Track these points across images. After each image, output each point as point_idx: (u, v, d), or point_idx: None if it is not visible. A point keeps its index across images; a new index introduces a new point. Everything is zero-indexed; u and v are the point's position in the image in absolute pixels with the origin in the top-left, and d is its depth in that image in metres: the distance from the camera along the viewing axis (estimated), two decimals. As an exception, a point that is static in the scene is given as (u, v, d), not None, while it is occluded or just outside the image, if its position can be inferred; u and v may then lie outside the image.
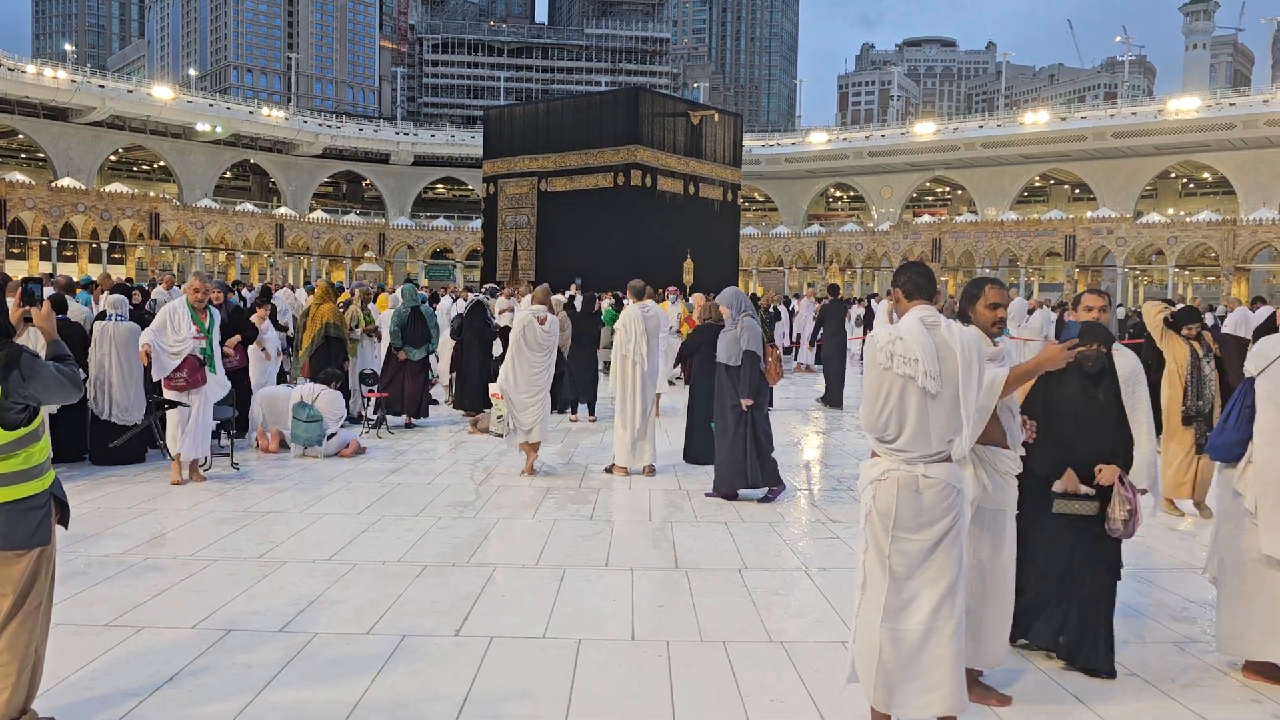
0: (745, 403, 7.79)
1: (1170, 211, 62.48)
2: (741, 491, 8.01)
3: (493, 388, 9.22)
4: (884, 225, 65.86)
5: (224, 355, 8.68)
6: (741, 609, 5.22)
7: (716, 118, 40.44)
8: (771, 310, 16.84)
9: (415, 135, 77.92)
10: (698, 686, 4.19)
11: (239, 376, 9.67)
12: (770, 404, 14.17)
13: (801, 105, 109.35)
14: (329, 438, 9.58)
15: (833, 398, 15.03)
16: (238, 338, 9.49)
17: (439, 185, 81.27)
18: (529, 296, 10.14)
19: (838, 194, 79.95)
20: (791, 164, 73.68)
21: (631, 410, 8.93)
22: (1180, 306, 7.95)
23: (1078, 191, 69.32)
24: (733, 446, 7.84)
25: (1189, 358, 7.55)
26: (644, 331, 9.08)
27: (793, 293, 44.88)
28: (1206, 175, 64.53)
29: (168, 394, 8.01)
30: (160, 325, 7.99)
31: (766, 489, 7.97)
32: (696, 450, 9.64)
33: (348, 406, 10.68)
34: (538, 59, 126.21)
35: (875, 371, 3.54)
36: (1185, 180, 67.74)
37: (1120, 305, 30.50)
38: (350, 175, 77.68)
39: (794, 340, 23.54)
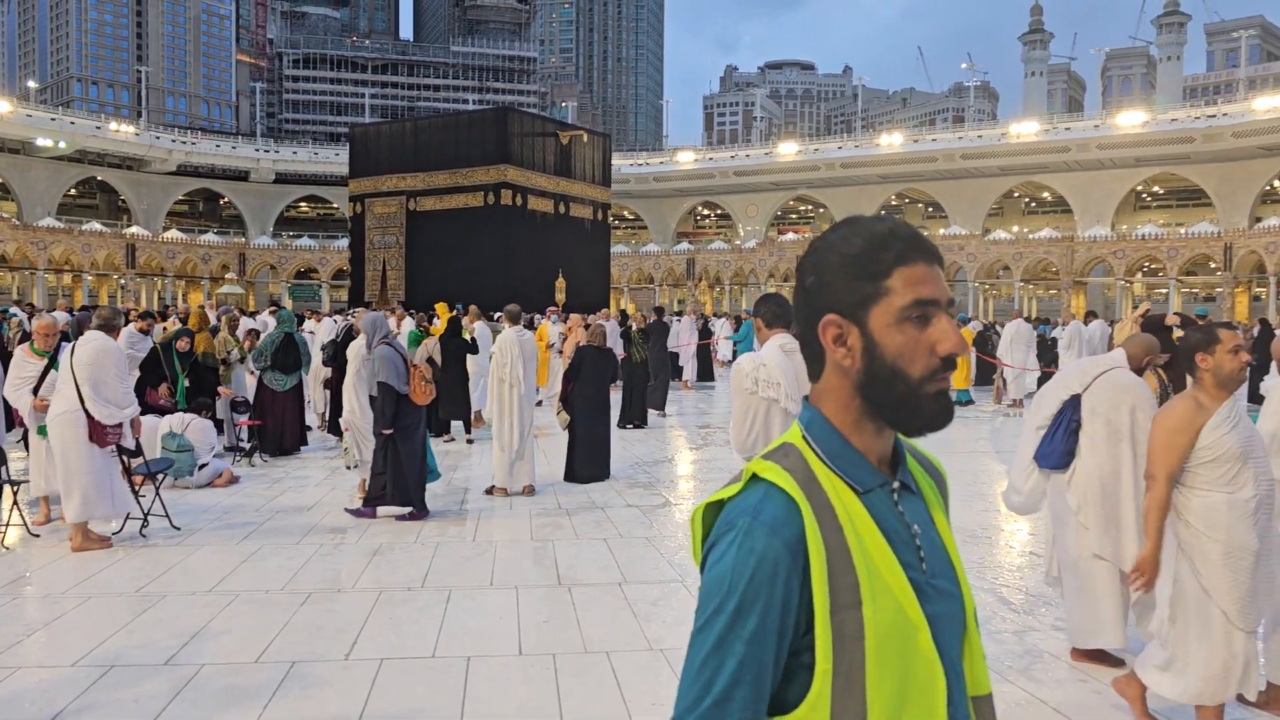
0: (385, 432, 7.87)
1: (1015, 229, 66.34)
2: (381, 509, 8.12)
3: (342, 421, 9.54)
4: (750, 243, 67.68)
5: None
6: (623, 620, 5.48)
7: (585, 137, 40.96)
8: (644, 328, 17.24)
9: (276, 152, 75.73)
10: (584, 695, 4.42)
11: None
12: (643, 422, 14.61)
13: (668, 125, 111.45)
14: (200, 468, 9.40)
15: (655, 401, 15.98)
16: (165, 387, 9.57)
17: (302, 203, 79.16)
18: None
19: (705, 212, 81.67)
20: (660, 183, 74.92)
21: (509, 432, 9.10)
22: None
23: (931, 210, 72.79)
24: (389, 471, 7.93)
25: (1159, 389, 6.87)
26: (520, 355, 9.27)
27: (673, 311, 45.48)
28: (1046, 195, 68.77)
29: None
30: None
31: (408, 509, 8.04)
32: (578, 470, 9.91)
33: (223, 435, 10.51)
34: (403, 76, 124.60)
35: (742, 396, 3.86)
36: (1028, 199, 72.00)
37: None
38: (207, 193, 74.84)
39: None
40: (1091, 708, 4.32)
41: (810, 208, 75.85)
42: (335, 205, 73.22)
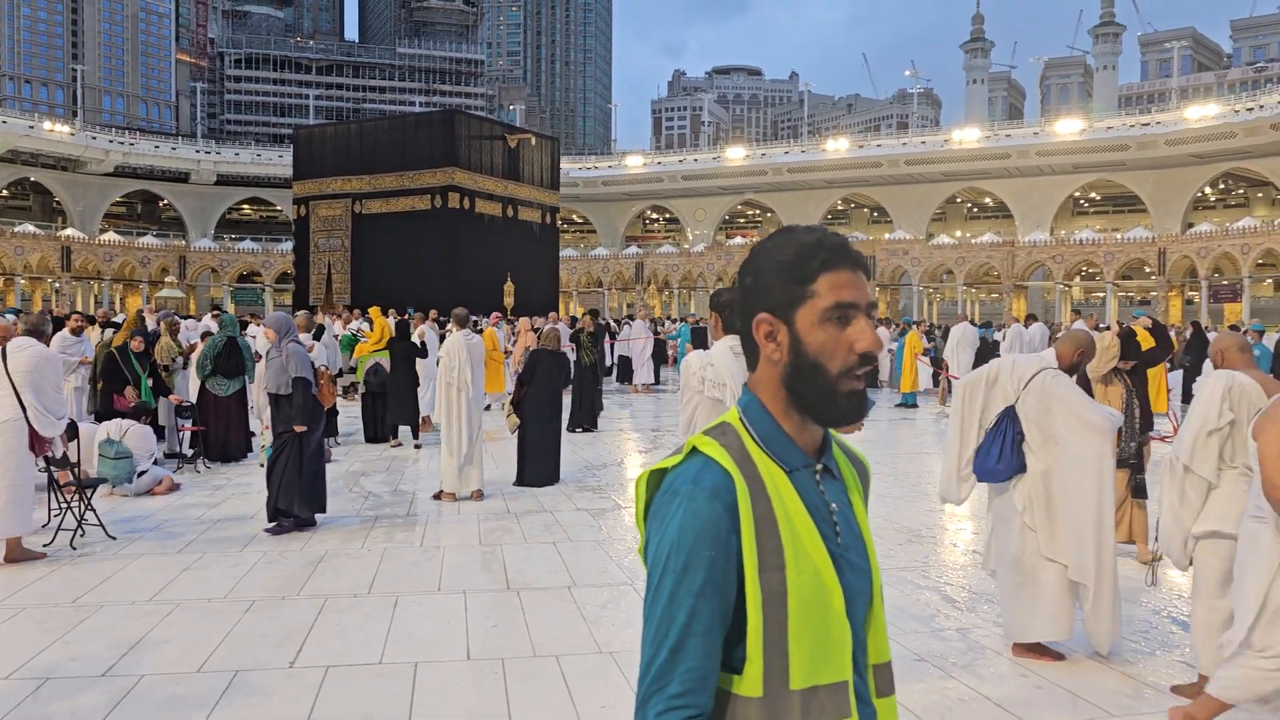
0: (299, 428, 7.67)
1: (958, 234, 67.51)
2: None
3: (264, 418, 9.49)
4: (699, 247, 68.00)
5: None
6: (572, 624, 5.47)
7: (534, 140, 40.82)
8: (595, 330, 17.21)
9: (218, 153, 74.37)
10: (533, 699, 4.41)
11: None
12: (593, 426, 14.59)
13: (617, 129, 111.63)
14: (139, 475, 9.19)
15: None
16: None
17: (245, 206, 77.82)
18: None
19: (654, 216, 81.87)
20: (609, 186, 74.95)
21: (458, 436, 9.04)
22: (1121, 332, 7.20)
23: (876, 214, 73.75)
24: (285, 472, 7.63)
25: (1123, 395, 6.86)
26: (468, 359, 9.22)
27: (626, 315, 45.57)
28: (988, 200, 70.04)
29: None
30: None
31: (294, 518, 7.74)
32: (527, 474, 9.89)
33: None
34: (348, 77, 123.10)
35: (688, 394, 3.88)
36: (970, 205, 73.27)
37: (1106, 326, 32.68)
38: (146, 195, 73.22)
39: (613, 361, 24.00)
40: (1033, 702, 4.41)
41: (758, 212, 76.42)
42: (279, 208, 72.12)
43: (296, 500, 7.64)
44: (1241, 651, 3.78)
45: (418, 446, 12.66)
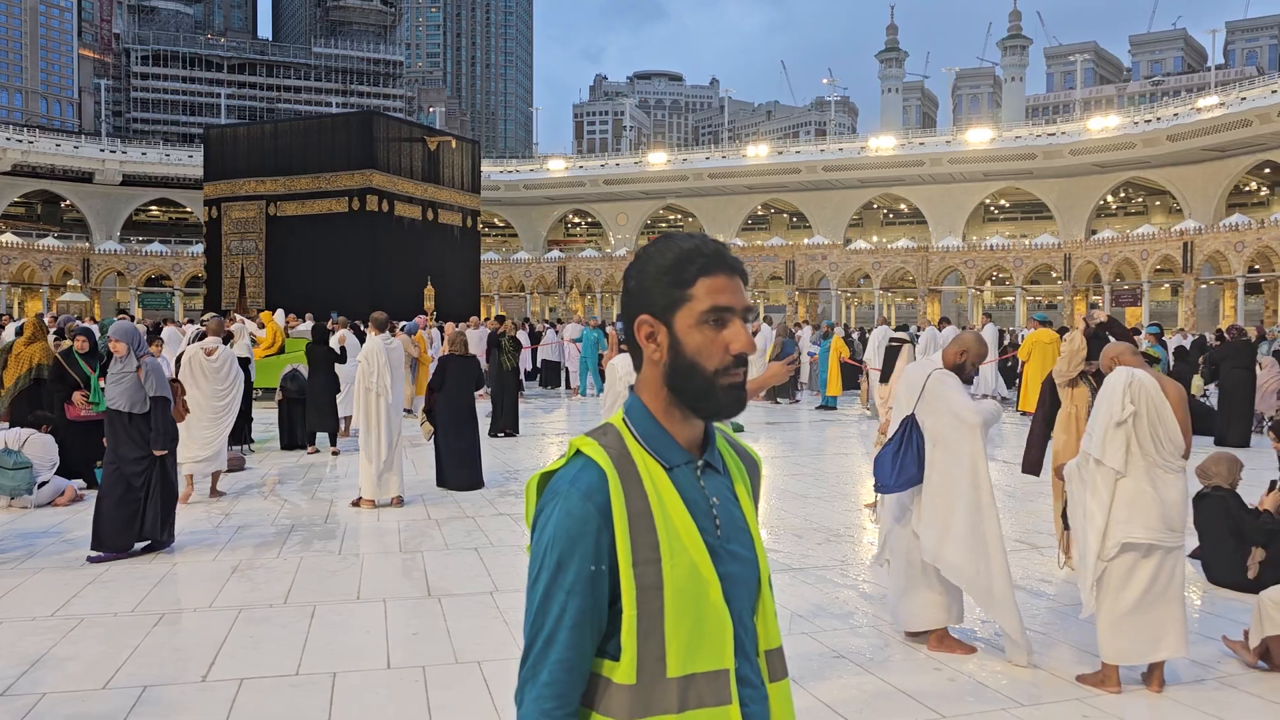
0: (159, 452, 7.00)
1: (874, 239, 68.90)
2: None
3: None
4: (621, 251, 68.16)
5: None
6: (494, 630, 5.43)
7: (454, 143, 40.40)
8: (515, 335, 17.07)
9: (124, 153, 71.89)
10: (455, 706, 4.37)
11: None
12: (515, 430, 14.50)
13: (538, 133, 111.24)
14: (40, 485, 8.84)
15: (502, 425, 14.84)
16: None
17: (153, 207, 75.41)
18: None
19: (576, 220, 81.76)
20: (531, 190, 74.62)
21: (376, 442, 8.90)
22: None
23: (795, 220, 74.83)
24: (122, 502, 6.84)
25: (1089, 399, 6.45)
26: (387, 363, 9.09)
27: (547, 318, 45.31)
28: (903, 206, 71.67)
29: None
30: None
31: (149, 540, 7.06)
32: (449, 477, 9.82)
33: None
34: (262, 76, 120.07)
35: (612, 396, 3.89)
36: (886, 211, 74.86)
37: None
38: (46, 195, 70.39)
39: (536, 366, 23.90)
40: (947, 694, 4.53)
41: (680, 217, 76.88)
42: (189, 209, 70.05)
43: (165, 526, 7.09)
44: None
45: (335, 453, 12.43)
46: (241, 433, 12.18)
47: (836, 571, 6.80)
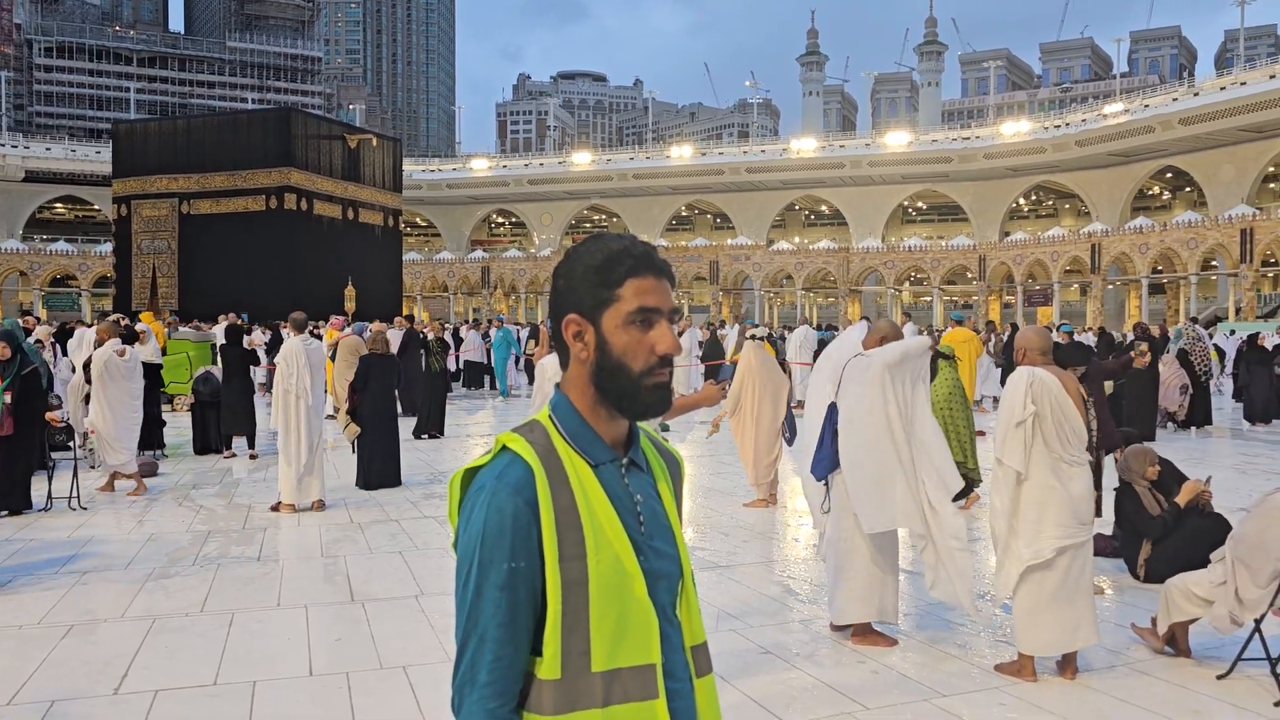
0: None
1: (796, 240, 69.91)
2: None
3: (86, 423, 9.31)
4: (545, 251, 67.90)
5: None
6: (420, 634, 5.35)
7: (375, 141, 39.82)
8: (441, 336, 16.82)
9: (27, 148, 69.20)
10: (379, 712, 4.29)
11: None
12: (440, 432, 14.33)
13: (461, 131, 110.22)
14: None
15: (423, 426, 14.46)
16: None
17: (58, 204, 72.69)
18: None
19: (500, 220, 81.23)
20: (454, 190, 73.91)
21: (296, 445, 8.70)
22: (1065, 341, 6.82)
23: (719, 221, 75.51)
24: None
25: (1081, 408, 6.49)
26: (306, 364, 8.90)
27: (466, 319, 44.93)
28: (824, 208, 72.85)
29: None
30: None
31: None
32: (372, 475, 9.70)
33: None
34: (173, 70, 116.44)
35: (540, 397, 3.86)
36: (807, 212, 76.00)
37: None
38: (-57, 191, 67.39)
39: (459, 368, 23.60)
40: (871, 687, 4.61)
41: (604, 217, 76.95)
42: (97, 207, 67.72)
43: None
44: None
45: (253, 457, 12.12)
46: (153, 438, 11.81)
47: (763, 568, 6.87)
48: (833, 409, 5.20)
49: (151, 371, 12.03)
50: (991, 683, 4.66)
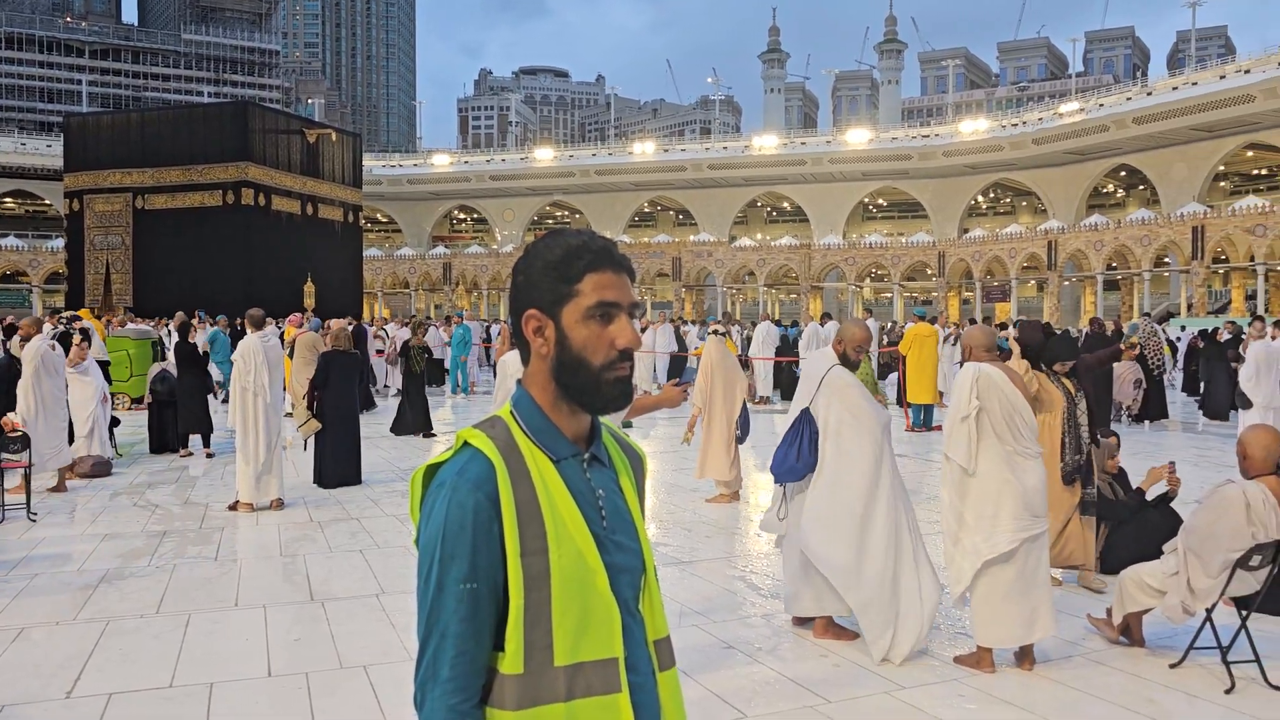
0: None
1: (759, 236, 70.16)
2: None
3: (11, 417, 8.99)
4: (508, 247, 67.61)
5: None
6: (381, 633, 5.30)
7: (334, 136, 39.37)
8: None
9: (-26, 141, 67.59)
10: (339, 712, 4.25)
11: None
12: (432, 430, 14.19)
13: (422, 127, 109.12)
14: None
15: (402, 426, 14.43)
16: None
17: (8, 199, 71.13)
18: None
19: (462, 216, 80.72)
20: (415, 185, 73.32)
21: (254, 443, 8.58)
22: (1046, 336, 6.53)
23: (681, 217, 75.60)
24: None
25: (1064, 403, 6.11)
26: (265, 361, 8.78)
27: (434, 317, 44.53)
28: (786, 205, 73.19)
29: None
30: None
31: None
32: (331, 472, 9.61)
33: None
34: (127, 63, 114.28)
35: (501, 394, 3.84)
36: (769, 209, 76.34)
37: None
38: (-113, 185, 65.67)
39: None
40: (833, 680, 4.64)
41: (567, 213, 76.75)
42: (48, 202, 66.32)
43: None
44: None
45: (209, 455, 11.94)
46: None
47: (725, 564, 6.89)
48: (806, 415, 5.16)
49: (101, 369, 11.83)
50: (951, 674, 4.71)
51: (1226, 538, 4.57)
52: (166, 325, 17.30)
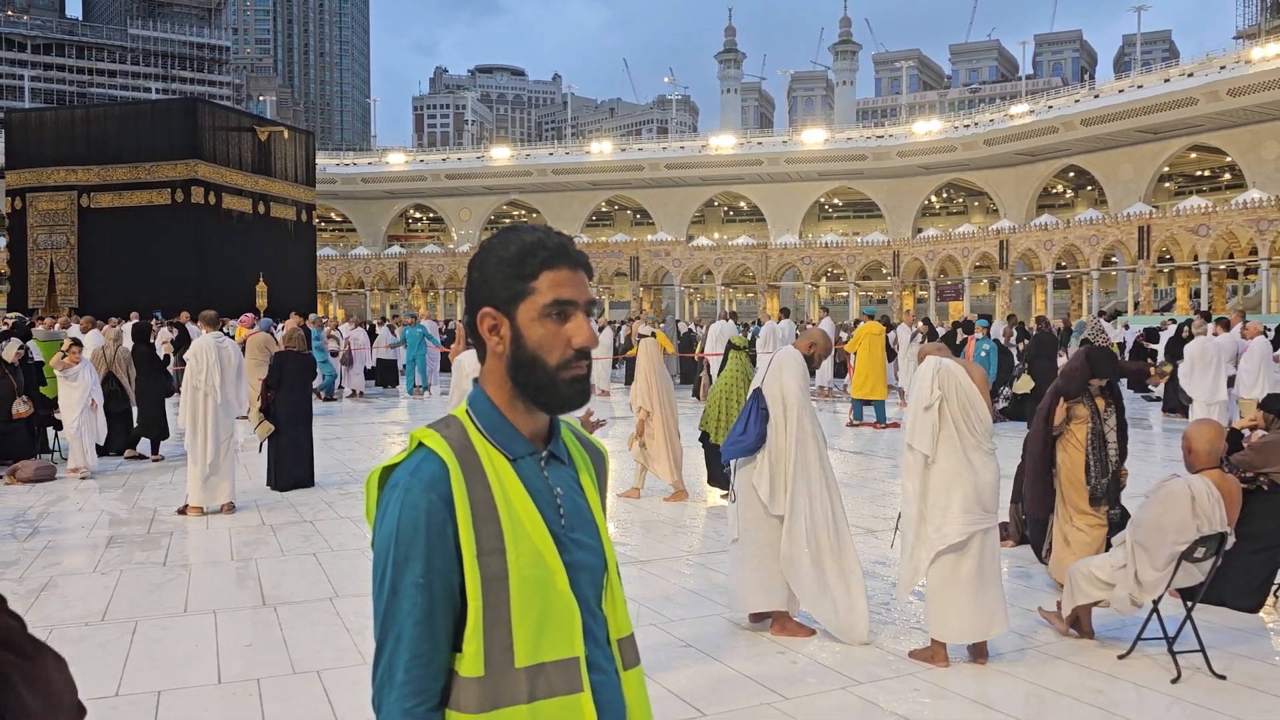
0: None
1: (716, 236, 70.43)
2: None
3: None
4: (464, 247, 67.16)
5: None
6: (334, 637, 5.23)
7: (286, 134, 38.87)
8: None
9: (-89, 137, 65.68)
10: (292, 717, 4.18)
11: None
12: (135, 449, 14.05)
13: (376, 125, 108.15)
14: None
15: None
16: None
17: (-53, 197, 69.25)
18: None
19: (417, 215, 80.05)
20: (369, 184, 72.58)
21: (203, 445, 8.43)
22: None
23: (639, 216, 75.61)
24: None
25: (1088, 424, 5.76)
26: (217, 361, 8.63)
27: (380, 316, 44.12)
28: (743, 204, 73.52)
29: None
30: None
31: None
32: (285, 474, 9.48)
33: None
34: (71, 58, 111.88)
35: (458, 395, 3.80)
36: (726, 208, 76.63)
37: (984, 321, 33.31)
38: None
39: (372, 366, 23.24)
40: (790, 676, 4.66)
41: (524, 213, 76.40)
42: (-11, 200, 64.64)
43: None
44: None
45: (159, 459, 11.71)
46: (37, 442, 11.40)
47: (683, 562, 6.90)
48: (758, 393, 5.25)
49: (34, 370, 11.57)
50: (906, 669, 4.75)
51: (1173, 531, 4.66)
52: (118, 327, 16.94)
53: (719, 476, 8.69)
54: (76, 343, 10.87)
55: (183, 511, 8.46)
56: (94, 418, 10.57)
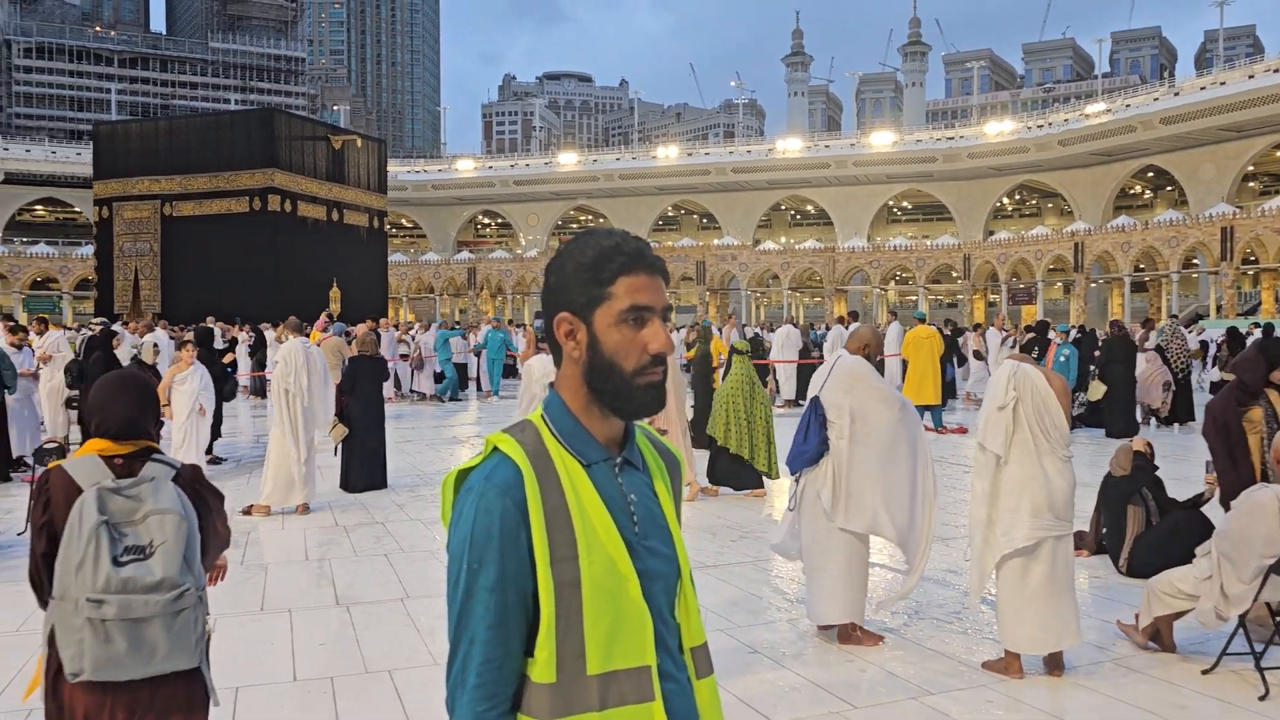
0: None
1: (782, 240, 70.01)
2: None
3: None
4: (532, 252, 67.79)
5: None
6: (406, 637, 5.32)
7: (359, 142, 39.70)
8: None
9: (5, 149, 68.62)
10: (365, 716, 4.26)
11: None
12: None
13: (446, 132, 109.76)
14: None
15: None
16: None
17: (38, 206, 72.13)
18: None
19: (486, 221, 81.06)
20: (439, 191, 73.71)
21: (293, 446, 8.65)
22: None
23: (705, 221, 75.55)
24: None
25: (1263, 423, 5.47)
26: (304, 364, 8.88)
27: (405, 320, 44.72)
28: (810, 208, 72.97)
29: None
30: None
31: None
32: (357, 477, 9.66)
33: None
34: (155, 71, 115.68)
35: (527, 399, 3.84)
36: (793, 212, 76.13)
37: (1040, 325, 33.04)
38: (-78, 194, 66.75)
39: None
40: (858, 685, 4.60)
41: (591, 218, 76.89)
42: (78, 209, 67.23)
43: None
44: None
45: (217, 461, 12.02)
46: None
47: (750, 567, 6.86)
48: (815, 401, 5.22)
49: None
50: (979, 680, 4.66)
51: (1260, 543, 4.50)
52: (187, 331, 17.44)
53: (721, 477, 9.31)
54: (187, 343, 10.98)
55: (247, 512, 8.65)
56: (200, 423, 10.35)
